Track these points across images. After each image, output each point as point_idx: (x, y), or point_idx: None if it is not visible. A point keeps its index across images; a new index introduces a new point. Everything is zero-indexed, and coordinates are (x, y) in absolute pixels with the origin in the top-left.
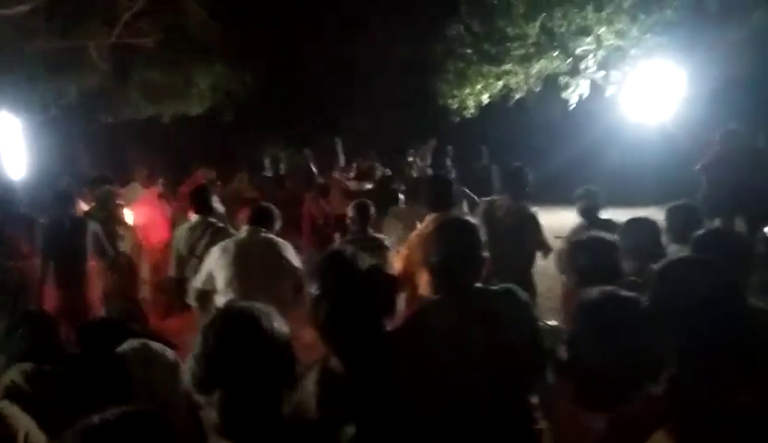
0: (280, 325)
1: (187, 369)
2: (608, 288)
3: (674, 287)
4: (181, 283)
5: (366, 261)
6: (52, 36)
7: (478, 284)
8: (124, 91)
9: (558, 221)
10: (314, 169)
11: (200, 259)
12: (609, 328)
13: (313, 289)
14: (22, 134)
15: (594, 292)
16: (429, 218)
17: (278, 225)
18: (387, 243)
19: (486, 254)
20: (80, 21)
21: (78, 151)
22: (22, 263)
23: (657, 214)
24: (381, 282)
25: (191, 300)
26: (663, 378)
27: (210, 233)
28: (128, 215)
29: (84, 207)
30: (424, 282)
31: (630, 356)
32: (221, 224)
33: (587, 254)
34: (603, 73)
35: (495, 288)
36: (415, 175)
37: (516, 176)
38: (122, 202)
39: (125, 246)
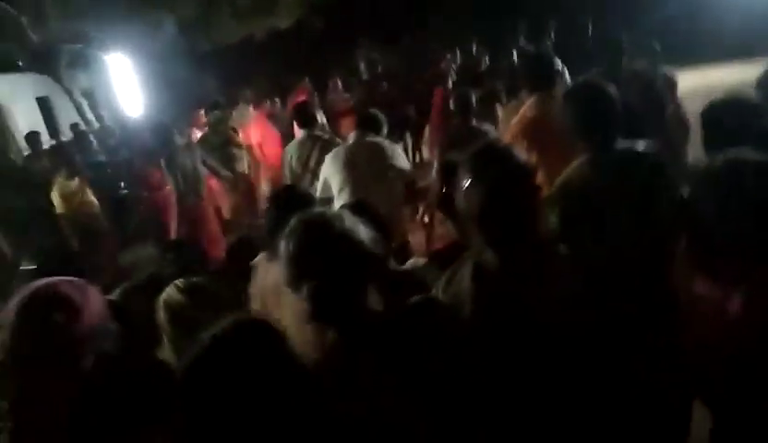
0: (352, 225)
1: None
2: (733, 152)
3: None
4: None
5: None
6: None
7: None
8: (216, 16)
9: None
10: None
11: (314, 174)
12: (740, 195)
13: (462, 180)
14: (134, 72)
15: (719, 157)
16: (530, 100)
17: (385, 129)
18: (493, 132)
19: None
20: None
21: (184, 81)
22: (154, 194)
23: None
24: (530, 174)
25: None
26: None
27: (320, 147)
28: (241, 136)
29: (198, 133)
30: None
31: (764, 223)
32: (327, 136)
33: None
34: None
35: (639, 149)
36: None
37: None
38: (234, 125)
39: (242, 167)
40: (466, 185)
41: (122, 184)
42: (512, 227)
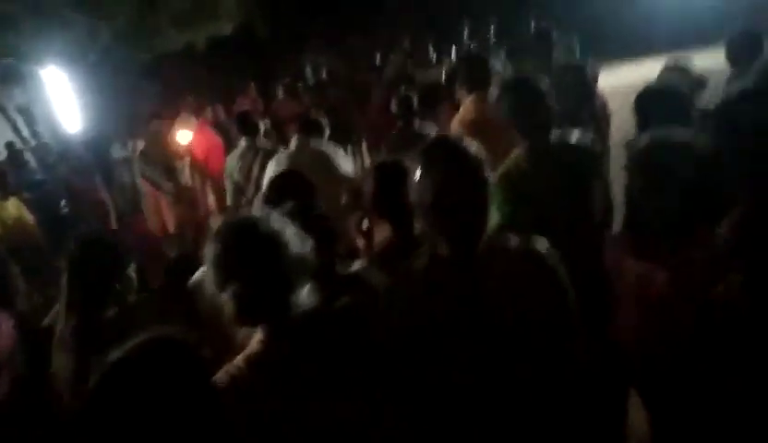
0: (280, 228)
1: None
2: (659, 131)
3: (739, 124)
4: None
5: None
6: None
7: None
8: (154, 23)
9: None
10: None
11: (257, 185)
12: (663, 173)
13: (415, 173)
14: (70, 85)
15: (645, 137)
16: (467, 100)
17: (327, 133)
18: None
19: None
20: None
21: (123, 92)
22: (91, 210)
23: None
24: (482, 165)
25: None
26: (729, 220)
27: (261, 157)
28: (183, 147)
29: (140, 145)
30: None
31: (689, 200)
32: (269, 146)
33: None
34: None
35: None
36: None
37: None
38: (174, 135)
39: (185, 179)
40: (419, 176)
41: (63, 202)
42: (466, 218)
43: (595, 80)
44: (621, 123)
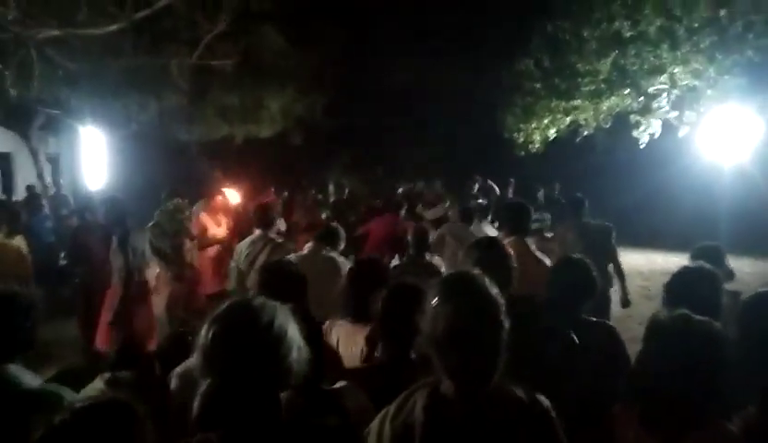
0: (283, 320)
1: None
2: (684, 311)
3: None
4: None
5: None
6: (137, 54)
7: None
8: (200, 111)
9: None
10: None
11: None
12: (682, 352)
13: (430, 302)
14: (105, 147)
15: (669, 313)
16: (506, 241)
17: (342, 245)
18: (442, 269)
19: None
20: (164, 41)
21: (154, 166)
22: (92, 268)
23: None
24: (500, 307)
25: None
26: (741, 416)
27: (270, 248)
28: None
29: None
30: None
31: (703, 385)
32: (280, 240)
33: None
34: (676, 113)
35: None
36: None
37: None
38: (191, 216)
39: (192, 258)
40: (435, 306)
41: (62, 254)
42: (476, 357)
43: None
44: None
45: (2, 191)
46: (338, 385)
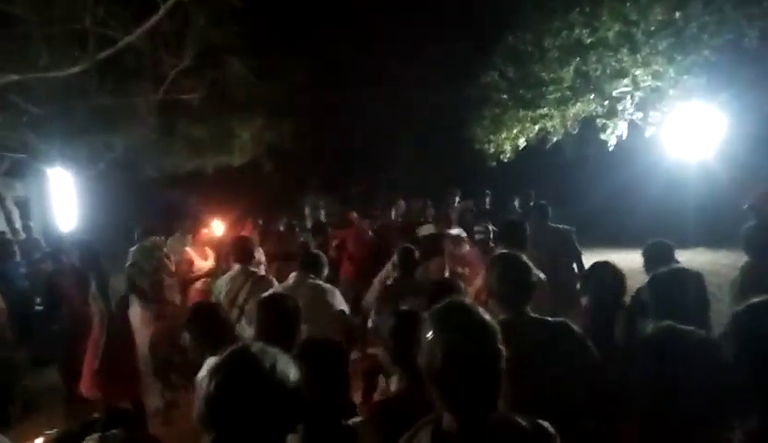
0: (284, 365)
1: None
2: (670, 323)
3: (759, 332)
4: None
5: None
6: (102, 94)
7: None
8: (169, 145)
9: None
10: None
11: (241, 309)
12: (674, 364)
13: (426, 334)
14: (74, 188)
15: (659, 326)
16: None
17: (325, 271)
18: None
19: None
20: (129, 79)
21: (125, 203)
22: (71, 313)
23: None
24: (496, 334)
25: None
26: (741, 429)
27: (252, 282)
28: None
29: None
30: None
31: (699, 399)
32: (261, 273)
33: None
34: (641, 114)
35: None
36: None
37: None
38: (168, 252)
39: (172, 296)
40: (429, 339)
41: (38, 299)
42: (475, 389)
43: None
44: None
45: None
46: (354, 421)
